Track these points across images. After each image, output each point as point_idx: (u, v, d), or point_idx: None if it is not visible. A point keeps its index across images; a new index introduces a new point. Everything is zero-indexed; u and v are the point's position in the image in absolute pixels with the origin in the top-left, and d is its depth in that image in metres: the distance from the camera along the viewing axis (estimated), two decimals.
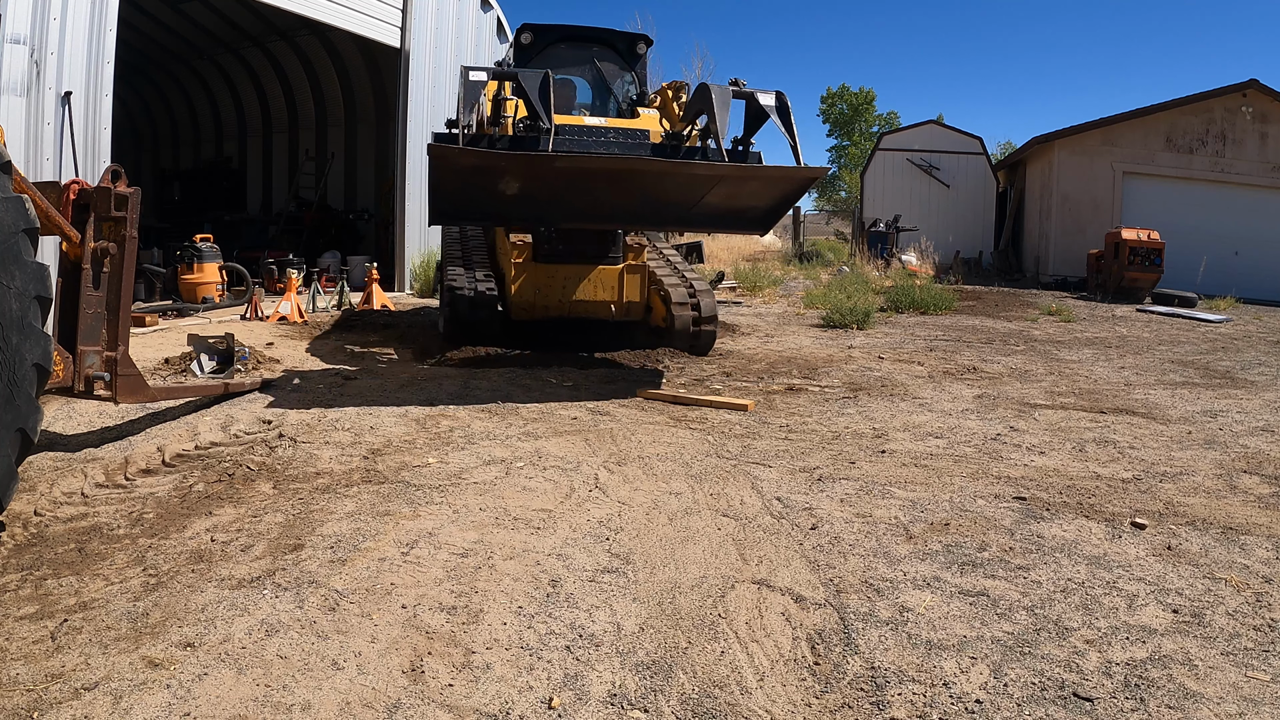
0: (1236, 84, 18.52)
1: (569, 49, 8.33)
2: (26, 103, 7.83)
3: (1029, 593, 2.99)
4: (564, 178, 5.88)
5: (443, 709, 2.24)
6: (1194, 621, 2.80)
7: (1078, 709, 2.29)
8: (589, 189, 6.12)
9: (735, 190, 6.23)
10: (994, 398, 6.38)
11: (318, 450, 4.57)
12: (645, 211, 6.57)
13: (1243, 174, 18.59)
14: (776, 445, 4.91)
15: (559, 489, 4.01)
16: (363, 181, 18.50)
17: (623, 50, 8.44)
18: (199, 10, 16.86)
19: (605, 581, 3.03)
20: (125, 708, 2.20)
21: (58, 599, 2.84)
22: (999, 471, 4.46)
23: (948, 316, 11.93)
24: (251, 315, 9.98)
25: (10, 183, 3.12)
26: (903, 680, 2.42)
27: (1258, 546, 3.45)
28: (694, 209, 6.40)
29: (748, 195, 6.39)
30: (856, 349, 8.70)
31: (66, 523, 3.55)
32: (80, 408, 5.15)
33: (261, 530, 3.43)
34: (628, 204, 6.41)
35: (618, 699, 2.31)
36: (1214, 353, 9.17)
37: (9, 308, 3.01)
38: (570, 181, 5.96)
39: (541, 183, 5.96)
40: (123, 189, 4.30)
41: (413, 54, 13.51)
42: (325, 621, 2.67)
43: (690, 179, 6.00)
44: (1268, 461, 4.75)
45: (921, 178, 23.26)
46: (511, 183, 5.89)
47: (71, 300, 4.22)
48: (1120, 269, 15.32)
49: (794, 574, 3.11)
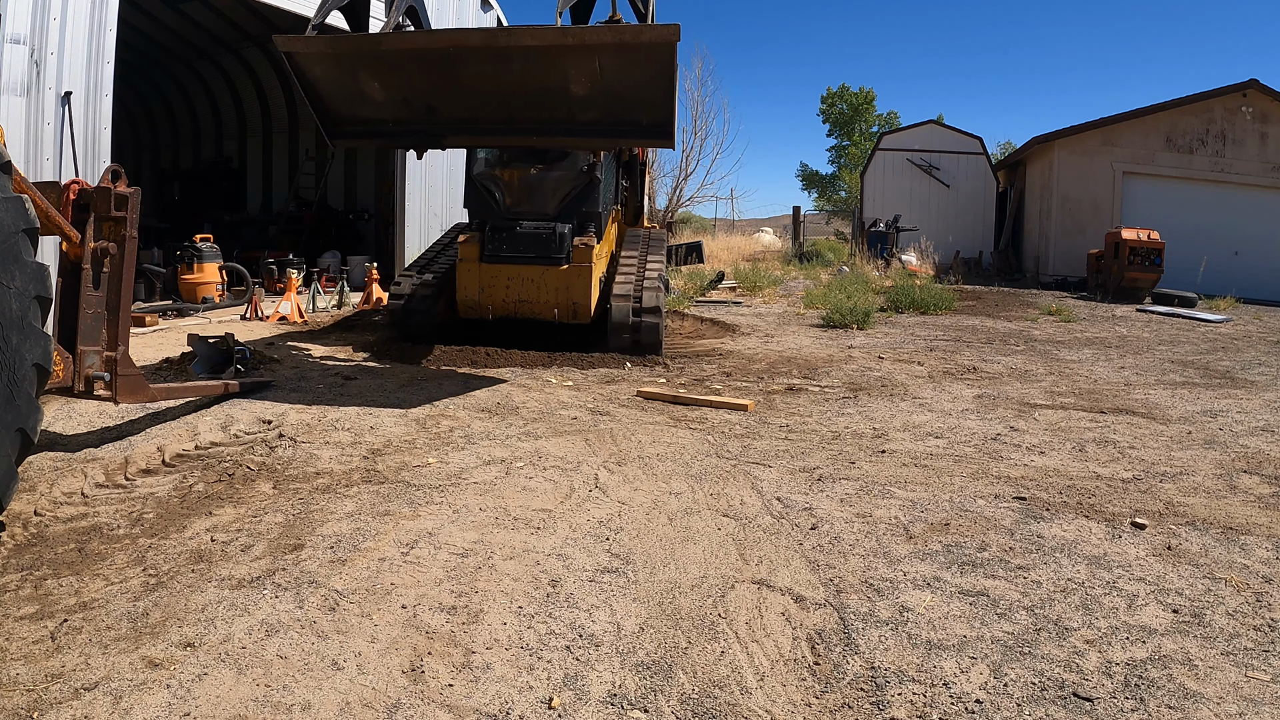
0: (1236, 84, 18.53)
1: None
2: (26, 103, 7.83)
3: (1029, 593, 2.99)
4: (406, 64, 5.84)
5: (443, 709, 2.24)
6: (1194, 621, 2.80)
7: (1078, 709, 2.29)
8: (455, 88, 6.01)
9: (597, 70, 5.75)
10: (994, 398, 6.38)
11: (318, 450, 4.57)
12: (524, 117, 6.28)
13: (1243, 174, 18.60)
14: (776, 445, 4.91)
15: (559, 489, 4.01)
16: (363, 181, 18.49)
17: None
18: (199, 10, 16.86)
19: (605, 581, 3.03)
20: (125, 708, 2.20)
21: (58, 599, 2.84)
22: (999, 471, 4.46)
23: (948, 316, 11.93)
24: (251, 315, 9.98)
25: (10, 183, 3.12)
26: (903, 680, 2.42)
27: (1258, 546, 3.45)
28: (572, 111, 6.09)
29: (615, 81, 5.88)
30: (856, 349, 8.70)
31: (66, 523, 3.55)
32: (80, 408, 5.15)
33: (261, 530, 3.43)
34: (499, 106, 6.19)
35: (618, 699, 2.31)
36: (1214, 353, 9.17)
37: (9, 308, 3.01)
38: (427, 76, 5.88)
39: (397, 77, 5.90)
40: (123, 189, 4.30)
41: None
42: (325, 621, 2.67)
43: (528, 53, 5.64)
44: (1268, 461, 4.75)
45: (921, 178, 23.27)
46: (369, 79, 5.94)
47: (71, 300, 4.22)
48: (1120, 269, 15.33)
49: (794, 574, 3.11)
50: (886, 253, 20.01)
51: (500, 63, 5.78)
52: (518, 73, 5.85)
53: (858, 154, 38.35)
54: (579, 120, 6.22)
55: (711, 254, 20.46)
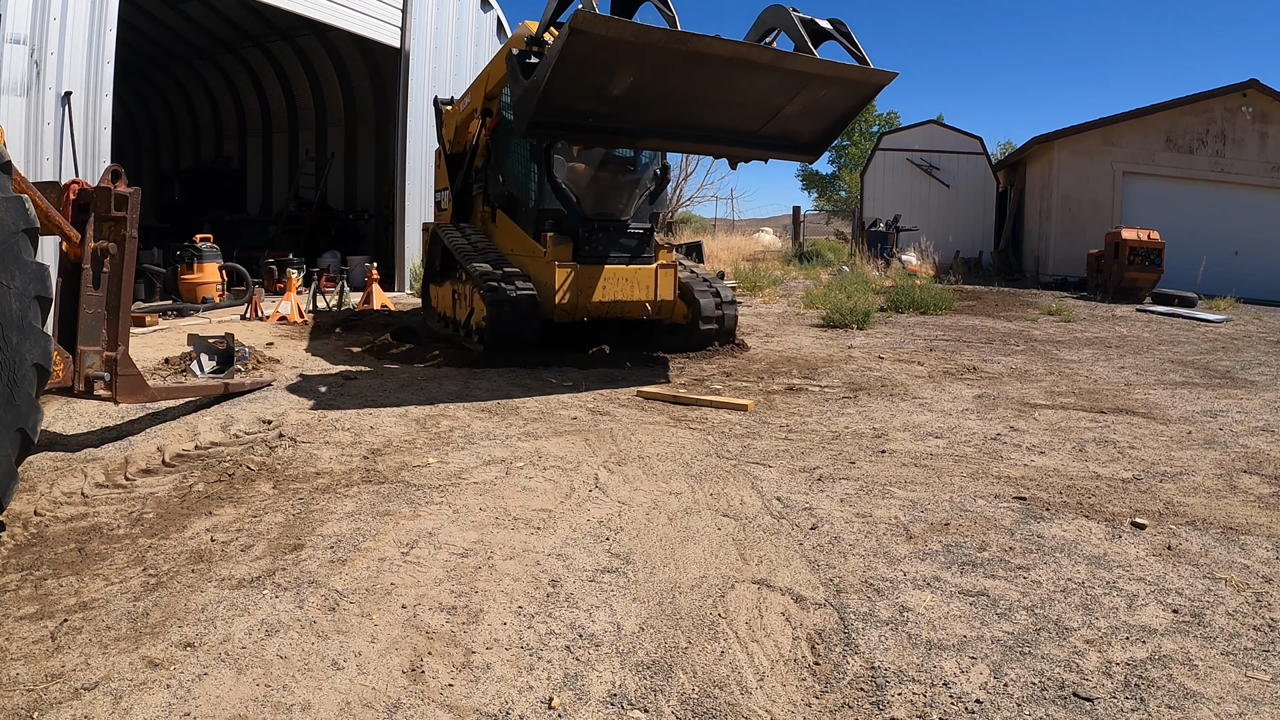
0: (1236, 84, 18.53)
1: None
2: (26, 103, 7.84)
3: (1029, 593, 2.99)
4: (683, 67, 5.81)
5: (443, 709, 2.24)
6: (1194, 621, 2.80)
7: (1078, 709, 2.29)
8: (689, 90, 6.19)
9: (814, 96, 6.43)
10: (994, 398, 6.38)
11: (318, 450, 4.57)
12: (725, 124, 6.67)
13: (1243, 174, 18.60)
14: (776, 445, 4.91)
15: (559, 489, 4.01)
16: (363, 181, 18.50)
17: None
18: (199, 10, 16.87)
19: (605, 581, 3.03)
20: (125, 708, 2.20)
21: (58, 599, 2.84)
22: (999, 471, 4.46)
23: (948, 316, 11.93)
24: (251, 315, 9.99)
25: (10, 183, 3.12)
26: (903, 680, 2.42)
27: (1258, 546, 3.45)
28: (767, 124, 6.65)
29: (820, 105, 6.61)
30: (856, 349, 8.70)
31: (66, 523, 3.55)
32: (80, 408, 5.15)
33: (261, 530, 3.44)
34: (712, 114, 6.53)
35: (618, 699, 2.31)
36: (1214, 353, 9.18)
37: (9, 308, 3.01)
38: (677, 77, 5.96)
39: (650, 78, 5.95)
40: (123, 189, 4.31)
41: (413, 54, 13.52)
42: (325, 621, 2.67)
43: (791, 74, 6.12)
44: (1268, 461, 4.75)
45: (921, 178, 23.26)
46: (625, 77, 5.85)
47: (71, 300, 4.23)
48: (1120, 269, 15.32)
49: (794, 574, 3.11)
50: (886, 253, 20.01)
51: (736, 72, 6.03)
52: (742, 85, 6.19)
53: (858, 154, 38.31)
54: (758, 133, 6.79)
55: (711, 254, 20.46)
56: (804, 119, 6.77)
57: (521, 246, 7.87)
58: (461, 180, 9.09)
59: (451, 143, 9.36)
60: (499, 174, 8.46)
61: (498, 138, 8.46)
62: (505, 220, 8.31)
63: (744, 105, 6.49)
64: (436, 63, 14.02)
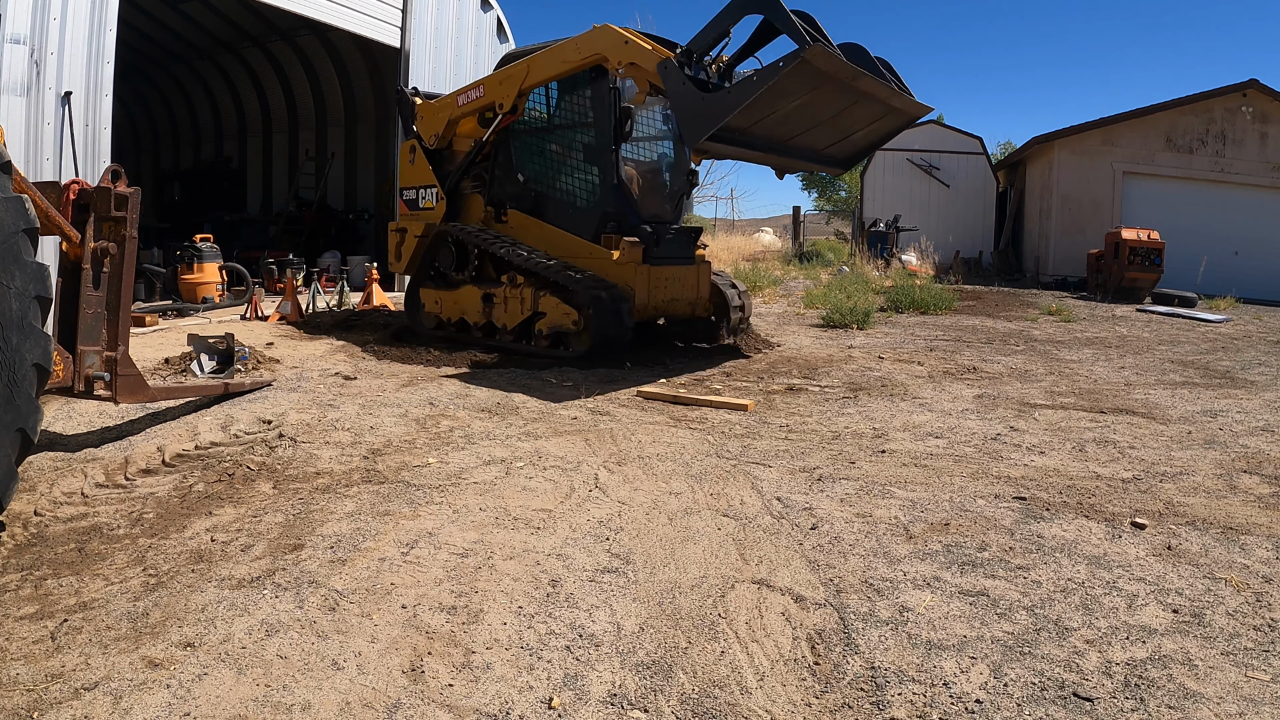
0: (1236, 84, 18.53)
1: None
2: (26, 103, 7.84)
3: (1029, 593, 2.99)
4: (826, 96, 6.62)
5: (443, 709, 2.24)
6: (1194, 621, 2.80)
7: (1078, 709, 2.29)
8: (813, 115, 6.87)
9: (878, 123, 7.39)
10: (994, 397, 6.38)
11: (318, 450, 4.57)
12: (809, 142, 7.36)
13: (1243, 174, 18.59)
14: (776, 445, 4.91)
15: (559, 489, 4.01)
16: (363, 181, 18.49)
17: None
18: (199, 10, 16.87)
19: (605, 581, 3.03)
20: (125, 708, 2.20)
21: (58, 599, 2.84)
22: (999, 471, 4.46)
23: (948, 316, 11.93)
24: (251, 315, 9.98)
25: (10, 183, 3.12)
26: (903, 680, 2.42)
27: (1258, 546, 3.45)
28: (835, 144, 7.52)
29: (875, 130, 7.54)
30: (856, 349, 8.70)
31: (66, 523, 3.55)
32: (80, 408, 5.15)
33: (261, 530, 3.44)
34: (809, 134, 7.19)
35: (618, 699, 2.31)
36: (1214, 353, 9.18)
37: (9, 308, 3.01)
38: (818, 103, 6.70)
39: (802, 103, 6.57)
40: (123, 189, 4.31)
41: (413, 54, 13.51)
42: (325, 621, 2.67)
43: (882, 106, 7.11)
44: (1268, 461, 4.75)
45: (921, 178, 23.26)
46: (793, 102, 6.45)
47: (71, 300, 4.23)
48: (1120, 269, 15.33)
49: (794, 574, 3.11)
50: (886, 253, 20.01)
51: (853, 102, 6.88)
52: (847, 112, 7.01)
53: None
54: (822, 151, 7.63)
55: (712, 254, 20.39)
56: (859, 140, 7.67)
57: (567, 248, 7.87)
58: (455, 177, 8.80)
59: (439, 137, 8.92)
60: (516, 171, 8.34)
61: (518, 134, 8.36)
62: (527, 220, 8.22)
63: (833, 128, 7.22)
64: (436, 63, 14.01)
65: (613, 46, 7.08)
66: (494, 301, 7.98)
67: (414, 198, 9.34)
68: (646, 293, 7.61)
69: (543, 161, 8.35)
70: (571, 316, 7.31)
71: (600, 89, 7.71)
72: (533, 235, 8.15)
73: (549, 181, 8.27)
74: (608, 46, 7.14)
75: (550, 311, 7.49)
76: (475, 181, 8.80)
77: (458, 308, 8.38)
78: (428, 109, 9.14)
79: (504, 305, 7.88)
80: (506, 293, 7.85)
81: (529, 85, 7.99)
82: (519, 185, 8.35)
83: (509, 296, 7.83)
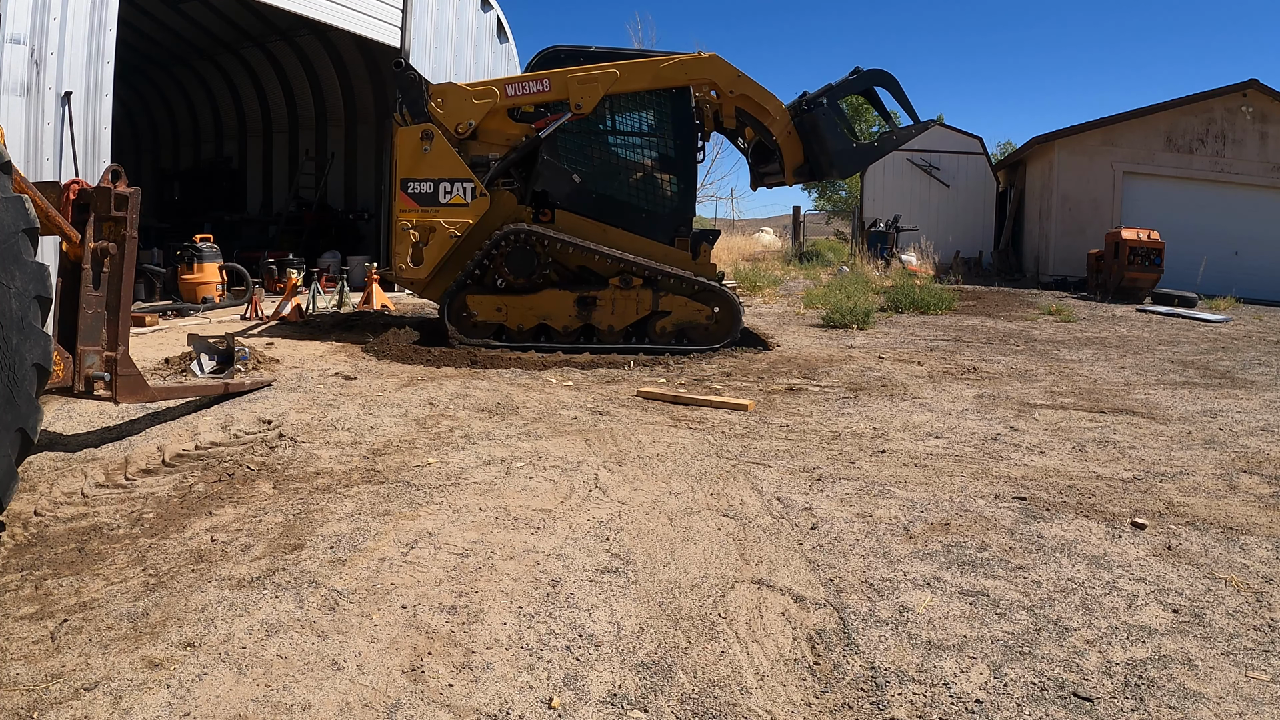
0: (1236, 84, 18.52)
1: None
2: (26, 103, 7.83)
3: (1029, 593, 2.99)
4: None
5: (443, 709, 2.24)
6: (1194, 621, 2.80)
7: (1078, 709, 2.29)
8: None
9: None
10: (994, 397, 6.38)
11: (318, 450, 4.57)
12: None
13: (1243, 174, 18.58)
14: (776, 445, 4.91)
15: (559, 489, 4.01)
16: (363, 181, 18.48)
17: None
18: (199, 10, 16.86)
19: (605, 581, 3.03)
20: (125, 708, 2.20)
21: (58, 599, 2.84)
22: (999, 471, 4.46)
23: (948, 316, 11.93)
24: (251, 315, 9.98)
25: (10, 183, 3.12)
26: (903, 680, 2.42)
27: (1258, 546, 3.45)
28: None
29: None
30: (856, 349, 8.70)
31: (66, 523, 3.55)
32: (80, 408, 5.15)
33: (261, 530, 3.43)
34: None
35: (618, 699, 2.31)
36: (1214, 353, 9.17)
37: (9, 308, 3.01)
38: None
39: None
40: (123, 189, 4.30)
41: (413, 54, 13.50)
42: (325, 621, 2.67)
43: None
44: (1268, 461, 4.75)
45: (921, 178, 23.25)
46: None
47: (71, 300, 4.22)
48: (1120, 269, 15.32)
49: (794, 574, 3.11)
50: (886, 253, 19.99)
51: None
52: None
53: None
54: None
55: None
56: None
57: (641, 250, 8.23)
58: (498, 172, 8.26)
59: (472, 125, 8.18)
60: (571, 172, 8.23)
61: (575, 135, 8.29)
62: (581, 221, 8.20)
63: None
64: (436, 63, 14.01)
65: (726, 78, 8.32)
66: (598, 304, 8.02)
67: (431, 192, 8.13)
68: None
69: (606, 165, 8.40)
70: (704, 313, 8.15)
71: (684, 106, 8.35)
72: (592, 236, 8.11)
73: (616, 185, 8.38)
74: (720, 76, 8.30)
75: (677, 310, 8.13)
76: (504, 178, 8.36)
77: (535, 313, 8.01)
78: (454, 92, 8.30)
79: (611, 307, 8.04)
80: (615, 295, 7.99)
81: (617, 90, 8.15)
82: (574, 185, 8.23)
83: (619, 298, 8.01)
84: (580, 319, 8.03)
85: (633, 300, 7.97)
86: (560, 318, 8.04)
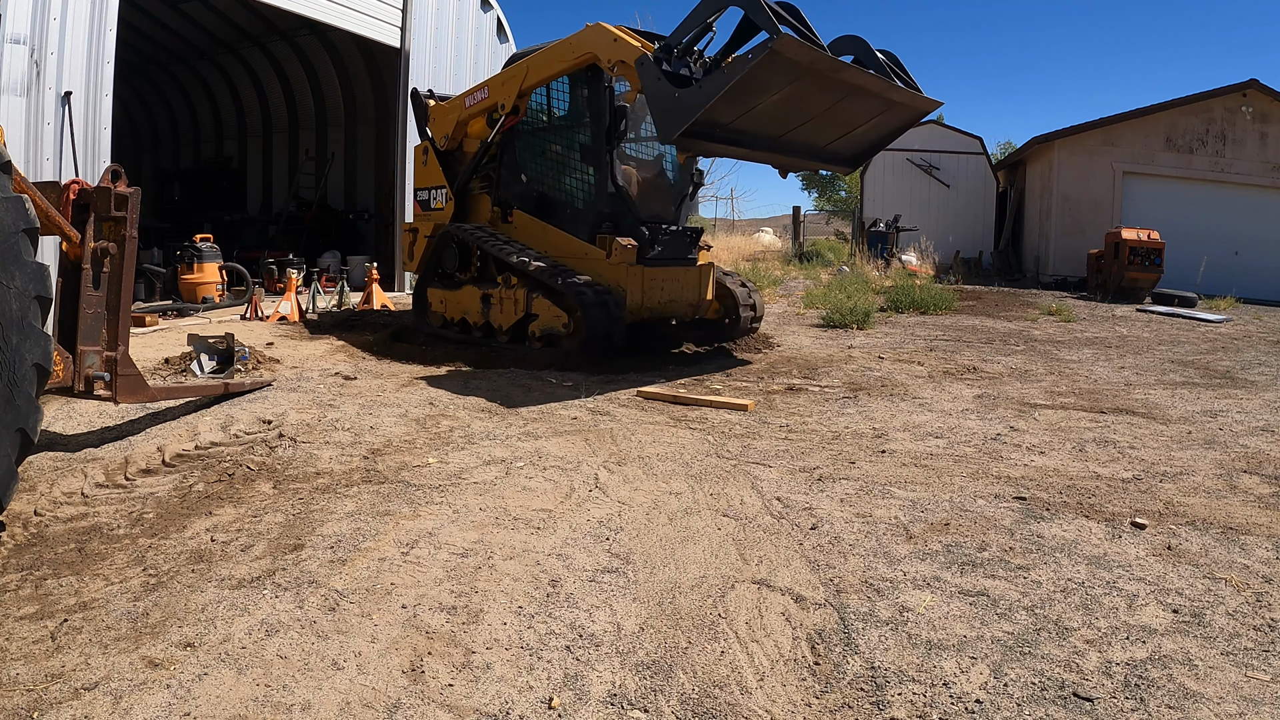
0: (1236, 84, 18.53)
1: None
2: (26, 103, 7.84)
3: (1029, 593, 2.99)
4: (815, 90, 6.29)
5: (443, 709, 2.24)
6: (1194, 621, 2.80)
7: (1078, 709, 2.29)
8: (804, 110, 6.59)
9: (882, 118, 7.16)
10: (994, 397, 6.38)
11: (318, 450, 4.57)
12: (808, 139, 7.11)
13: (1243, 174, 18.59)
14: (776, 445, 4.91)
15: (559, 489, 4.01)
16: (363, 181, 18.50)
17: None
18: (199, 10, 16.87)
19: (605, 581, 3.03)
20: (125, 708, 2.20)
21: (58, 599, 2.84)
22: (999, 471, 4.46)
23: (948, 316, 11.93)
24: (251, 315, 9.98)
25: (10, 183, 3.12)
26: (903, 680, 2.42)
27: (1258, 546, 3.45)
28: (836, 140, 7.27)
29: (880, 125, 7.31)
30: (856, 349, 8.70)
31: (66, 523, 3.55)
32: (80, 408, 5.15)
33: (261, 530, 3.44)
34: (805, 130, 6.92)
35: (618, 699, 2.31)
36: (1214, 353, 9.18)
37: (9, 308, 3.01)
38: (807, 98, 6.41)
39: (788, 98, 6.27)
40: (123, 189, 4.31)
41: (413, 54, 13.52)
42: (325, 621, 2.67)
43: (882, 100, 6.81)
44: (1268, 461, 4.75)
45: (921, 178, 23.26)
46: (774, 96, 6.14)
47: (71, 300, 4.23)
48: (1120, 269, 15.32)
49: (794, 574, 3.11)
50: (886, 253, 20.00)
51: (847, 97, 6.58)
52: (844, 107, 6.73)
53: None
54: (824, 148, 7.41)
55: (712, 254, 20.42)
56: (863, 136, 7.42)
57: (566, 248, 7.85)
58: (464, 178, 8.89)
59: (449, 138, 9.03)
60: (520, 172, 8.35)
61: (521, 135, 8.37)
62: (529, 220, 8.22)
63: (832, 124, 6.97)
64: (436, 63, 14.02)
65: (604, 45, 6.92)
66: (491, 302, 7.95)
67: (426, 199, 9.44)
68: (640, 294, 7.54)
69: (543, 162, 8.34)
70: (562, 319, 7.25)
71: (595, 88, 7.70)
72: (535, 236, 8.13)
73: (549, 182, 8.25)
74: (599, 45, 6.99)
75: (542, 313, 7.45)
76: (484, 182, 8.82)
77: (460, 308, 8.33)
78: (439, 111, 9.22)
79: (500, 306, 7.84)
80: (502, 294, 7.81)
81: (528, 86, 7.98)
82: (523, 185, 8.35)
83: (504, 298, 7.78)
84: (484, 316, 8.05)
85: (512, 300, 7.74)
86: (472, 314, 8.20)
